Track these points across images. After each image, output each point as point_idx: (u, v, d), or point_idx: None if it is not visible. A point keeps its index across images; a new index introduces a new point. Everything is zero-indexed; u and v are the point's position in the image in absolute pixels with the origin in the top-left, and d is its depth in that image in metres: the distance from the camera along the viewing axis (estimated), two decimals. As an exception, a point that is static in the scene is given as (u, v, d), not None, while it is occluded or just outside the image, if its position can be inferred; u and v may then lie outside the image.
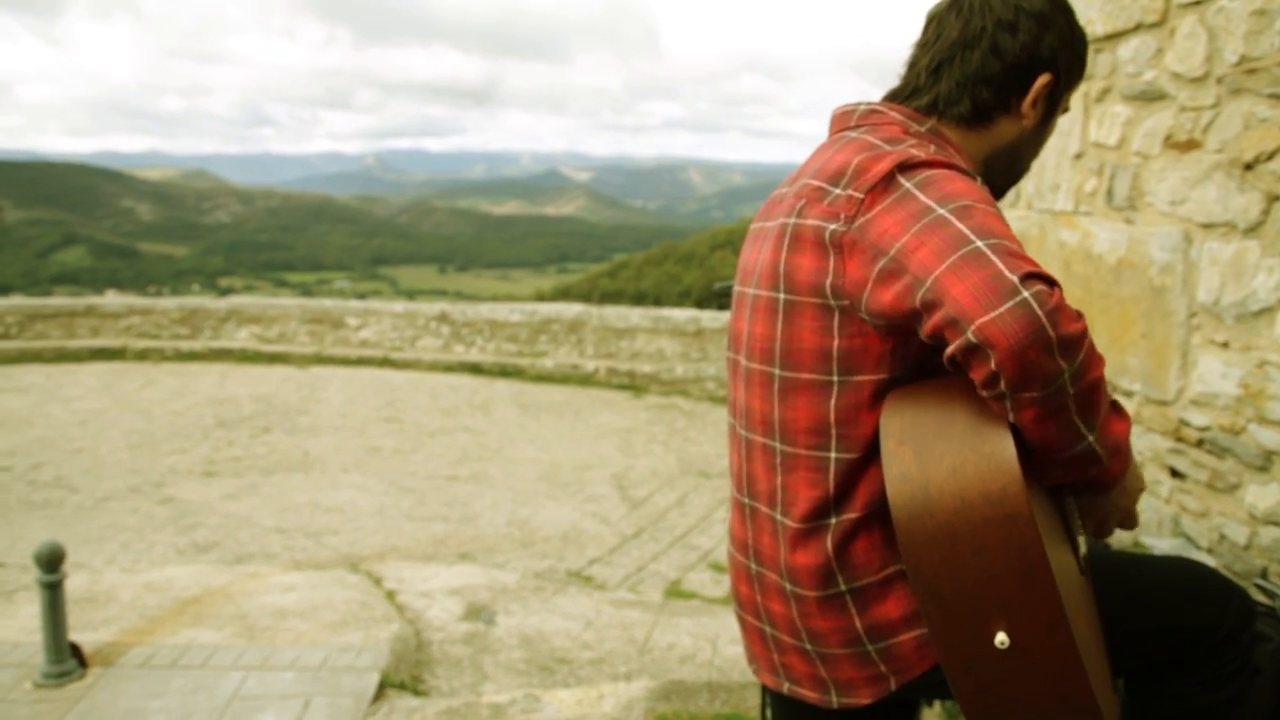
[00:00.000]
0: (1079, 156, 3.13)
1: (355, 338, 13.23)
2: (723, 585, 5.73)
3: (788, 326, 1.39)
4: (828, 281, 1.32)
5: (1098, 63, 2.99)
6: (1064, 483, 1.32)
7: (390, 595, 4.67)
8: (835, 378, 1.34)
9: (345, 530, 6.31)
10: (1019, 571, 1.14)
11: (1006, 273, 1.11)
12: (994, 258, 1.13)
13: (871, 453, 1.34)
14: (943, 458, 1.19)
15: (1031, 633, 1.15)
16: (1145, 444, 2.90)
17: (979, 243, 1.15)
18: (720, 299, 2.31)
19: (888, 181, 1.28)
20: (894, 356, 1.31)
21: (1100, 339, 3.02)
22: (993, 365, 1.12)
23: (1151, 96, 2.60)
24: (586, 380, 12.30)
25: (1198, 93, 2.45)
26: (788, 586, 1.42)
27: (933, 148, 1.38)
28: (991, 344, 1.10)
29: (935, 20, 1.52)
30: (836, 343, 1.33)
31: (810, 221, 1.35)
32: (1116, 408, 1.29)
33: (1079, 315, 1.15)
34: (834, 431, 1.35)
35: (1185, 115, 2.49)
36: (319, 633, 3.99)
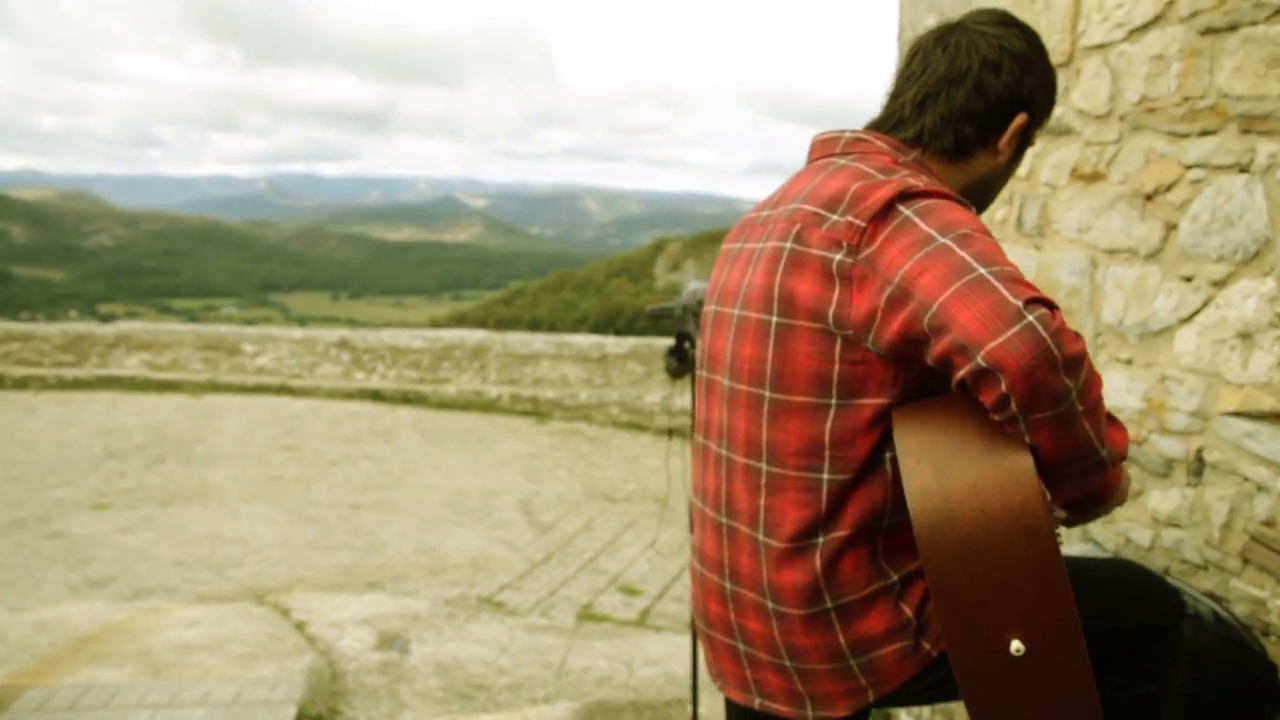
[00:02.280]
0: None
1: (252, 365, 12.91)
2: (633, 608, 5.75)
3: (780, 349, 1.39)
4: (830, 310, 1.32)
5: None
6: (1075, 498, 1.35)
7: (300, 626, 4.57)
8: (834, 401, 1.35)
9: (248, 562, 6.15)
10: (1037, 581, 1.18)
11: (1010, 298, 1.14)
12: (997, 284, 1.16)
13: (863, 473, 1.36)
14: (963, 473, 1.22)
15: (1047, 640, 1.19)
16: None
17: (982, 270, 1.18)
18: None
19: (888, 210, 1.30)
20: (896, 381, 1.33)
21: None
22: (1003, 388, 1.14)
23: (1059, 131, 2.74)
24: (490, 406, 12.23)
25: (1102, 129, 2.59)
26: (770, 605, 1.42)
27: (925, 178, 1.40)
28: (1001, 368, 1.13)
29: (920, 53, 1.54)
30: (838, 368, 1.34)
31: (813, 250, 1.35)
32: (1113, 419, 1.33)
33: (1078, 335, 1.18)
34: (828, 453, 1.36)
35: (1090, 149, 2.64)
36: (228, 667, 3.88)
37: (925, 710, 2.90)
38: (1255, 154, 2.08)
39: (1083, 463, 1.25)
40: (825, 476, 1.37)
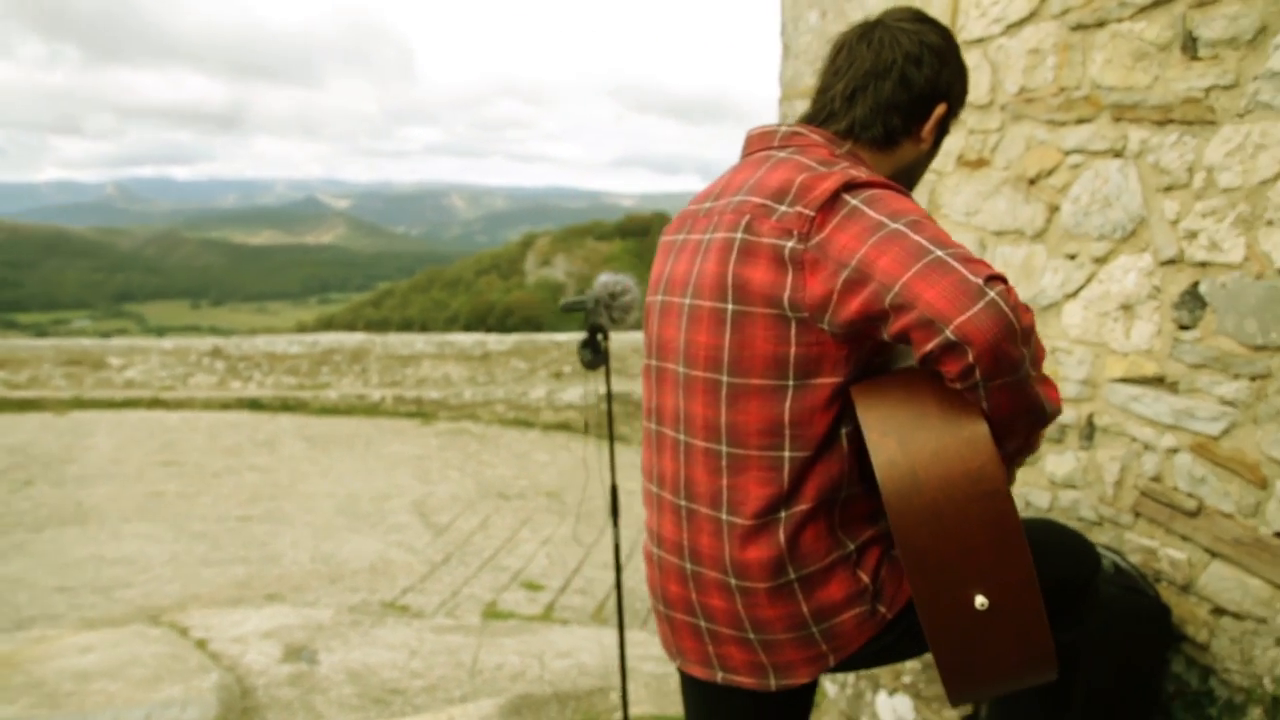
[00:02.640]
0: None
1: (120, 378, 12.37)
2: (537, 602, 5.78)
3: (737, 335, 1.45)
4: (785, 295, 1.40)
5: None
6: (1019, 450, 1.45)
7: (201, 644, 4.46)
8: (791, 382, 1.42)
9: (138, 582, 5.93)
10: (997, 540, 1.28)
11: (971, 277, 1.23)
12: (956, 264, 1.25)
13: (821, 449, 1.44)
14: (925, 443, 1.31)
15: (1007, 594, 1.29)
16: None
17: (939, 252, 1.27)
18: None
19: (834, 199, 1.38)
20: (848, 361, 1.41)
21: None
22: (970, 359, 1.23)
23: (944, 120, 2.92)
24: (373, 410, 12.03)
25: (985, 118, 2.76)
26: (734, 581, 1.49)
27: (863, 169, 1.49)
28: (969, 340, 1.22)
29: (845, 48, 1.63)
30: (794, 350, 1.41)
31: (764, 239, 1.42)
32: (1045, 378, 1.43)
33: (1028, 308, 1.29)
34: (788, 432, 1.43)
35: (974, 137, 2.80)
36: (133, 692, 3.77)
37: (850, 676, 3.03)
38: (1128, 140, 2.25)
39: (1030, 419, 1.36)
40: (787, 454, 1.44)
